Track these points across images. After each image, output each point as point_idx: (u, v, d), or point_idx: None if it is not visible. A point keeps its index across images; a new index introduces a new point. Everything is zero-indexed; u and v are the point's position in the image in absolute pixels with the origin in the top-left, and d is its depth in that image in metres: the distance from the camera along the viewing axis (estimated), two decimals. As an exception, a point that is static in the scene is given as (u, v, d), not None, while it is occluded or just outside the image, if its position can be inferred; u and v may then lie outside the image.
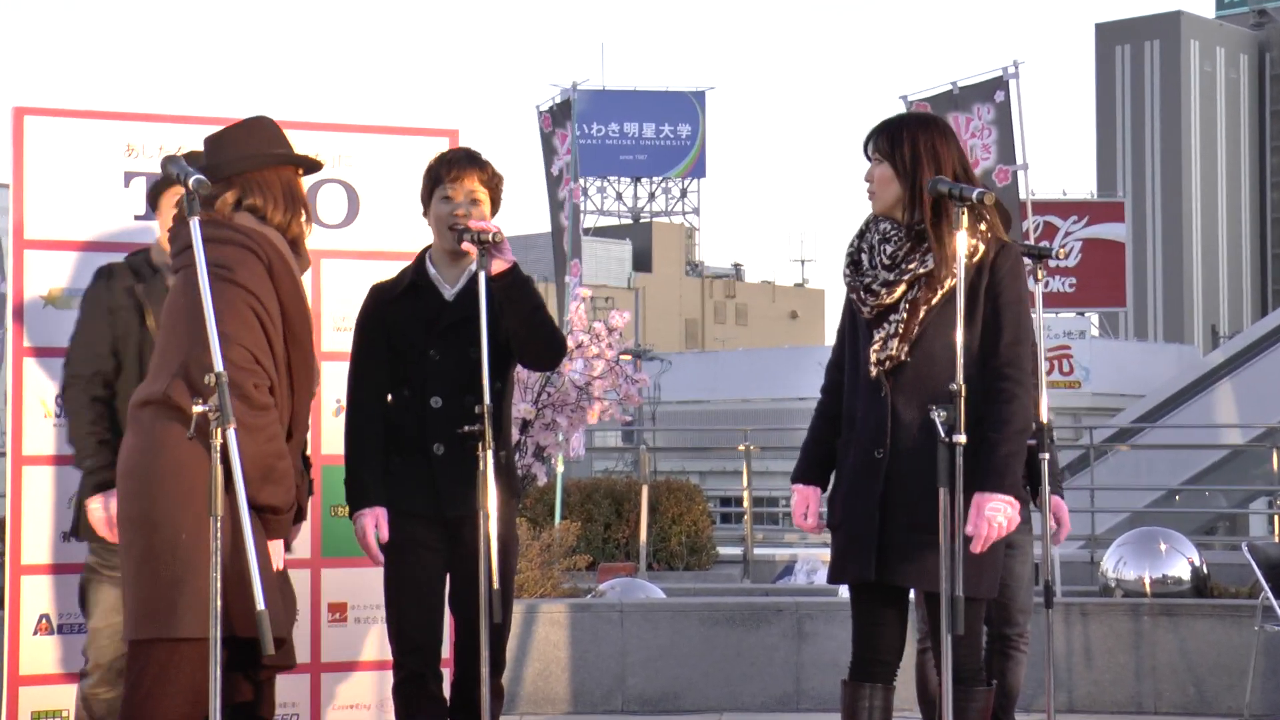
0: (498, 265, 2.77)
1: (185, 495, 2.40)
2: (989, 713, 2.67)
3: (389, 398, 2.89)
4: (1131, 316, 39.19)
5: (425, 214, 2.93)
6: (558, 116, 9.51)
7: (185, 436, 2.36)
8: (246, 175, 2.53)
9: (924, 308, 2.56)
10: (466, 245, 2.77)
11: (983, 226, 2.59)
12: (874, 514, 2.56)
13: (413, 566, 2.85)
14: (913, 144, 2.58)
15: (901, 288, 2.56)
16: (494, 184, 2.91)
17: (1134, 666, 4.72)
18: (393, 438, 2.87)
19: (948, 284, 2.55)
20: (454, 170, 2.89)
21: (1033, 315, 2.91)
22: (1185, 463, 15.15)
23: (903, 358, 2.56)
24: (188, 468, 2.40)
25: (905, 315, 2.56)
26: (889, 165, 2.60)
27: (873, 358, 2.57)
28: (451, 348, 2.88)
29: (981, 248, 2.59)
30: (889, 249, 2.60)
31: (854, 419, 2.63)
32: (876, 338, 2.58)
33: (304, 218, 2.58)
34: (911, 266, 2.56)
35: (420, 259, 2.95)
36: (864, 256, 2.62)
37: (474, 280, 2.85)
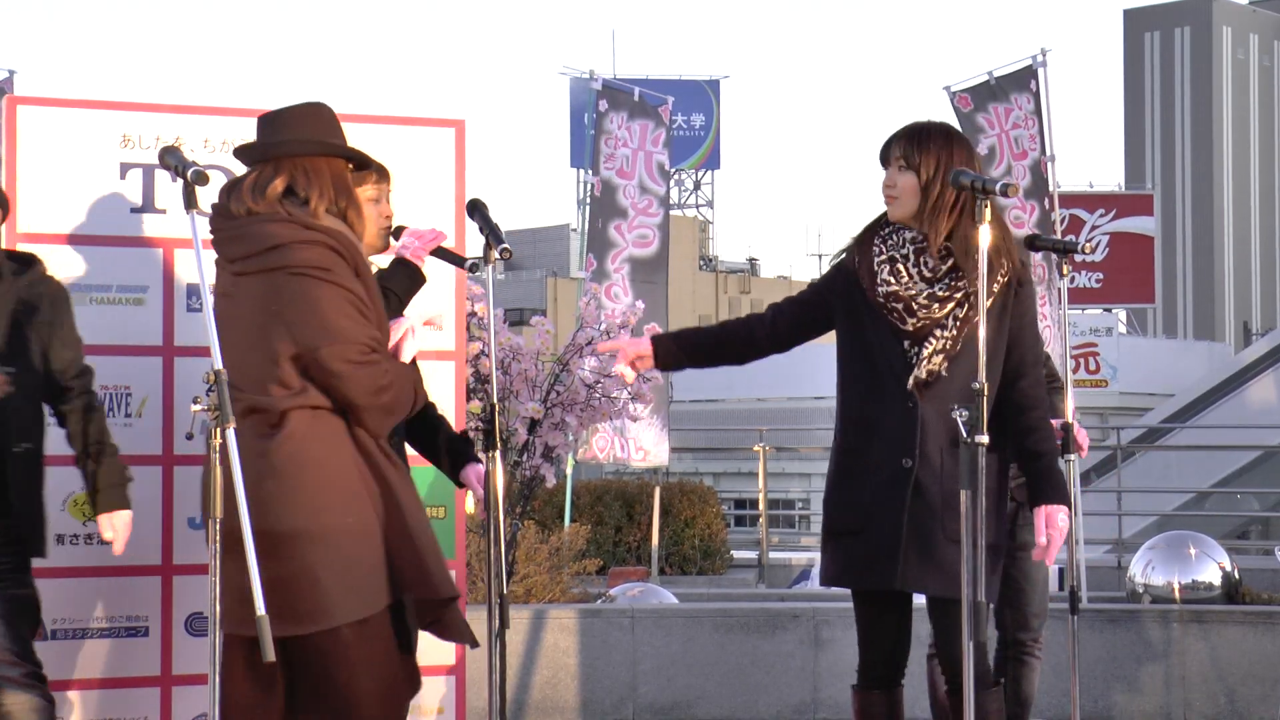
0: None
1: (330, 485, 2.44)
2: (1002, 713, 2.68)
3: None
4: (1160, 313, 38.80)
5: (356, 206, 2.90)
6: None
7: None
8: (295, 160, 2.49)
9: (968, 324, 2.58)
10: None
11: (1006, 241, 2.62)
12: (901, 523, 2.56)
13: None
14: (937, 156, 2.58)
15: (951, 304, 2.57)
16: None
17: (1163, 675, 4.61)
18: None
19: (988, 302, 2.58)
20: (375, 173, 2.88)
21: (1058, 312, 2.92)
22: (1216, 464, 14.95)
23: (943, 372, 2.57)
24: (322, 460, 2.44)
25: (954, 331, 2.57)
26: (914, 175, 2.59)
27: (920, 372, 2.57)
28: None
29: (1005, 264, 2.60)
30: (929, 261, 2.59)
31: (873, 425, 2.61)
32: (924, 352, 2.58)
33: (355, 212, 2.54)
34: (960, 284, 2.57)
35: None
36: (900, 267, 2.59)
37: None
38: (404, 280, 2.84)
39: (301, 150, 2.49)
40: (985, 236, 2.49)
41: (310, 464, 2.41)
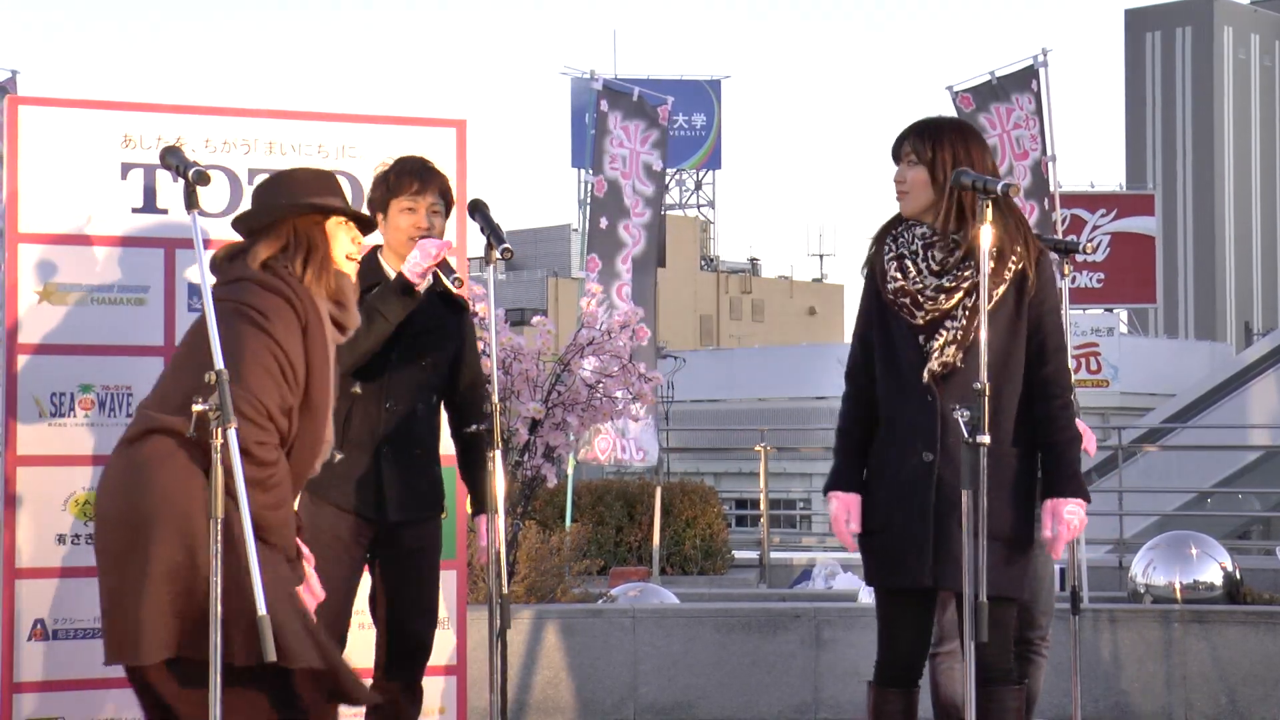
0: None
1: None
2: (1023, 712, 2.65)
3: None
4: (1162, 313, 38.84)
5: (378, 218, 2.94)
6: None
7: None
8: (283, 224, 2.50)
9: (979, 314, 2.56)
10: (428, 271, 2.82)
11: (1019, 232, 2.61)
12: (929, 518, 2.55)
13: (328, 562, 2.83)
14: (952, 151, 2.57)
15: (959, 295, 2.55)
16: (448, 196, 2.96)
17: (1164, 675, 4.60)
18: (341, 433, 2.88)
19: (998, 291, 2.57)
20: (416, 182, 2.91)
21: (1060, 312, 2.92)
22: (1217, 464, 14.96)
23: (958, 364, 2.56)
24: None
25: (965, 321, 2.56)
26: (925, 170, 2.59)
27: (933, 364, 2.57)
28: (412, 354, 2.89)
29: (1020, 250, 2.59)
30: (937, 255, 2.59)
31: (895, 423, 2.61)
32: (935, 344, 2.58)
33: (316, 267, 2.50)
34: (967, 274, 2.56)
35: (375, 260, 2.94)
36: (907, 263, 2.60)
37: (434, 289, 2.90)
38: (395, 299, 2.79)
39: (283, 215, 2.50)
40: (986, 236, 2.49)
41: (155, 488, 2.35)
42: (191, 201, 2.38)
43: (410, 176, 2.92)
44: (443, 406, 3.00)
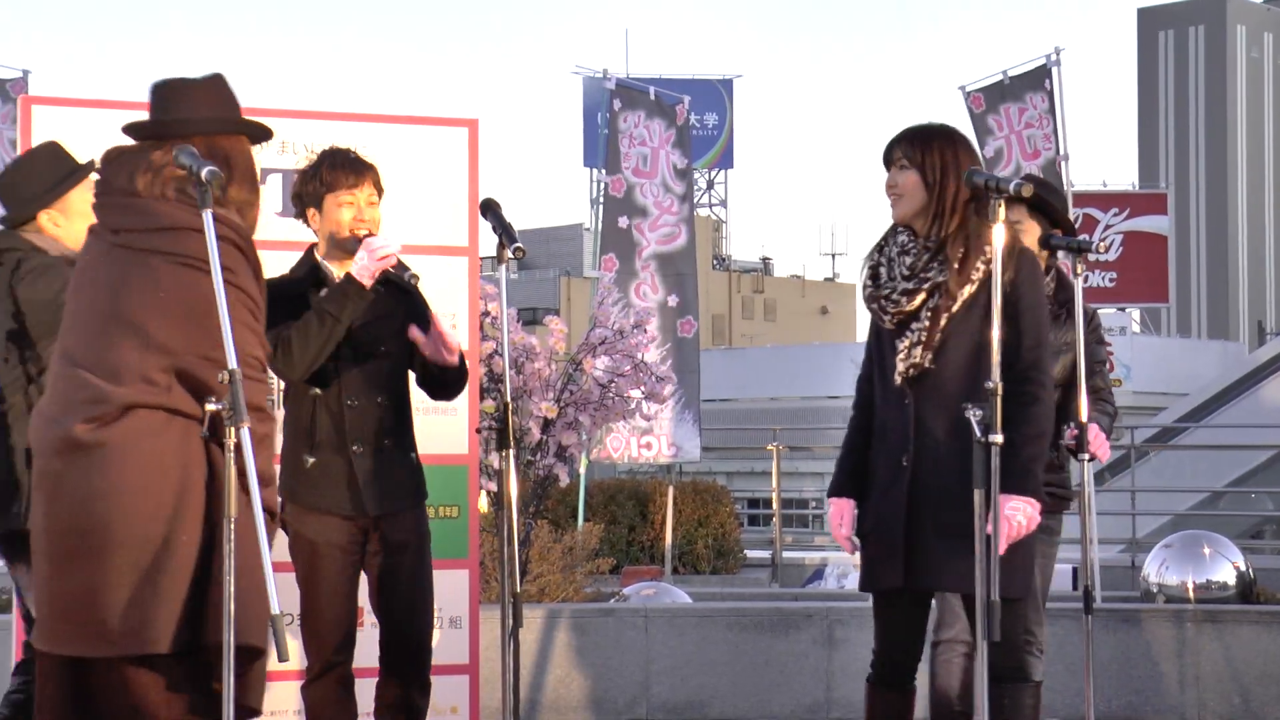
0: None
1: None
2: (1038, 709, 2.70)
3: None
4: (1174, 312, 38.67)
5: (309, 213, 2.91)
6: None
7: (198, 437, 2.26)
8: (199, 141, 2.33)
9: (945, 315, 2.61)
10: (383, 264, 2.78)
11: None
12: (901, 520, 2.59)
13: (326, 567, 2.85)
14: (941, 155, 2.62)
15: (921, 296, 2.60)
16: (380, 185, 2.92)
17: (1177, 675, 4.59)
18: (309, 437, 2.87)
19: (965, 291, 2.60)
20: (352, 175, 2.87)
21: (1076, 312, 2.94)
22: (1230, 464, 14.87)
23: (927, 365, 2.59)
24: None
25: (928, 323, 2.60)
26: (916, 173, 2.64)
27: (899, 366, 2.61)
28: (361, 347, 2.87)
29: (988, 250, 2.60)
30: (908, 260, 2.65)
31: (884, 430, 2.67)
32: (900, 346, 2.62)
33: (254, 201, 2.39)
34: (930, 275, 2.60)
35: (311, 257, 2.93)
36: (883, 270, 2.67)
37: (378, 281, 2.86)
38: (347, 300, 2.74)
39: (209, 129, 2.32)
40: (999, 235, 2.52)
41: (150, 466, 2.23)
42: (204, 201, 2.37)
43: (344, 169, 2.87)
44: (416, 389, 2.93)
